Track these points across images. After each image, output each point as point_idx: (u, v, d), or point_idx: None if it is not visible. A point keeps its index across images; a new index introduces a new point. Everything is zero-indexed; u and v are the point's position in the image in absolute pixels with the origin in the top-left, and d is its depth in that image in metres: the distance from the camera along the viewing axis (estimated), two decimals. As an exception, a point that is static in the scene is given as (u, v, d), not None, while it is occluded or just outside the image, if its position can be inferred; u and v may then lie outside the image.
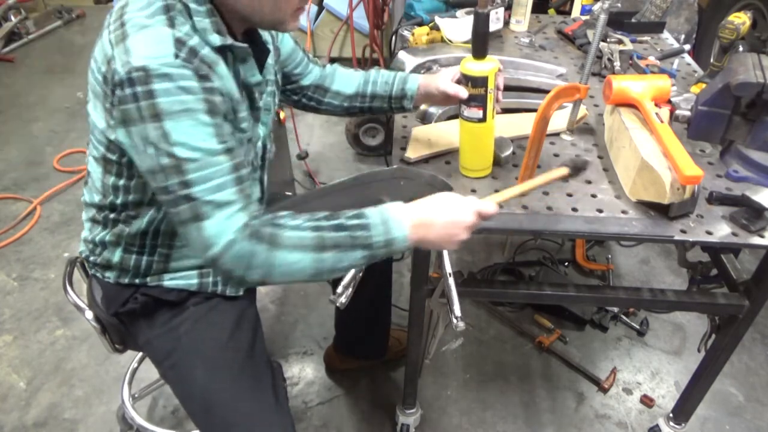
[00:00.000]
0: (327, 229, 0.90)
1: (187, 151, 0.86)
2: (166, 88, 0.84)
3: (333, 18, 3.35)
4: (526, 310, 2.21)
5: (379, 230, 0.92)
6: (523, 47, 1.83)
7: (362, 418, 1.85)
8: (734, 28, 1.49)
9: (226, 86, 0.94)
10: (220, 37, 0.92)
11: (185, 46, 0.87)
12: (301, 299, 2.25)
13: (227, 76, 0.95)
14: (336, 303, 0.97)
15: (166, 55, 0.85)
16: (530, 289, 1.41)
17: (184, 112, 0.85)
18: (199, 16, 0.91)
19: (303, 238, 0.89)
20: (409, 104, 1.31)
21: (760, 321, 2.19)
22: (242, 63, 1.01)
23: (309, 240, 0.89)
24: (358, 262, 0.93)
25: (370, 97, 1.33)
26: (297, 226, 0.90)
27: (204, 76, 0.88)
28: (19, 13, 4.42)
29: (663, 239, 1.10)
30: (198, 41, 0.90)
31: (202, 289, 1.18)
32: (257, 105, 1.09)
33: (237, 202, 0.88)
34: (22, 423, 1.81)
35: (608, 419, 1.85)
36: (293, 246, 0.88)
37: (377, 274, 1.60)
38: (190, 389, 1.16)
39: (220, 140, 0.89)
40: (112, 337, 1.27)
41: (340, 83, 1.35)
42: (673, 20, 2.94)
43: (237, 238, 0.86)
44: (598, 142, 1.38)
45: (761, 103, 1.17)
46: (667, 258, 2.47)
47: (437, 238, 0.94)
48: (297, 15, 1.00)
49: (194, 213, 0.87)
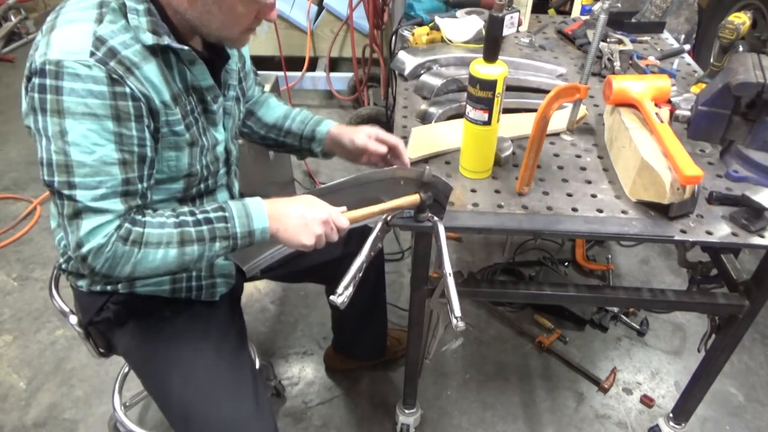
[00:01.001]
0: (190, 225, 0.95)
1: (81, 154, 0.86)
2: (74, 88, 0.85)
3: (333, 18, 3.35)
4: (526, 310, 2.21)
5: (240, 222, 0.97)
6: (523, 47, 1.83)
7: (362, 418, 1.85)
8: (734, 28, 1.49)
9: (149, 89, 0.92)
10: (153, 36, 0.92)
11: (105, 44, 0.87)
12: (301, 299, 2.25)
13: (157, 77, 0.94)
14: (336, 303, 0.97)
15: (81, 52, 0.85)
16: (530, 289, 1.40)
17: (88, 115, 0.86)
18: (134, 14, 0.91)
19: (168, 235, 0.93)
20: (317, 148, 1.33)
21: (760, 321, 2.19)
22: (191, 65, 1.00)
23: (173, 236, 0.93)
24: (220, 252, 0.98)
25: (285, 132, 1.35)
26: (162, 224, 0.93)
27: (117, 80, 0.87)
28: (19, 13, 4.42)
29: (663, 239, 1.10)
30: (122, 41, 0.89)
31: (175, 295, 1.18)
32: (211, 108, 1.07)
33: (117, 212, 0.90)
34: (22, 423, 1.81)
35: (608, 419, 1.85)
36: (158, 243, 0.92)
37: (372, 276, 1.60)
38: (168, 398, 1.15)
39: (119, 148, 0.89)
40: (96, 342, 1.28)
41: (265, 111, 1.36)
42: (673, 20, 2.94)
43: (107, 242, 0.89)
44: (598, 142, 1.38)
45: (761, 103, 1.17)
46: (667, 258, 2.47)
47: (293, 227, 0.99)
48: (247, 34, 1.01)
49: (73, 211, 0.88)
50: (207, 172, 1.12)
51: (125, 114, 0.89)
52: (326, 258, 1.43)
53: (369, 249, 1.05)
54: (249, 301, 2.23)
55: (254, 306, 2.22)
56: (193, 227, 0.95)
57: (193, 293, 1.20)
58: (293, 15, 3.36)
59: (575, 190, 1.21)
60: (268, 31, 3.30)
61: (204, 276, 1.21)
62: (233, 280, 1.28)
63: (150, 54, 0.93)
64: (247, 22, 0.97)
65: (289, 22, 3.36)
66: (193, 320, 1.20)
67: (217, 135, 1.12)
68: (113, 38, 0.88)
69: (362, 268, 1.03)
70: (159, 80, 0.94)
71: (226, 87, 1.13)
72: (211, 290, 1.22)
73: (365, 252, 1.04)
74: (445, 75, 1.53)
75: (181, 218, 0.95)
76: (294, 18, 3.35)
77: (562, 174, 1.26)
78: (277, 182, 2.40)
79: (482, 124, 1.14)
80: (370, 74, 3.24)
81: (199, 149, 1.06)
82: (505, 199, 1.17)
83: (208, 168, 1.11)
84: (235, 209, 0.98)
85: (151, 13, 0.92)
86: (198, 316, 1.21)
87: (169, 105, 0.97)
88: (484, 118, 1.13)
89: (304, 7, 3.30)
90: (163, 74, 0.95)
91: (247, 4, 0.94)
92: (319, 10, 3.41)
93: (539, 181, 1.23)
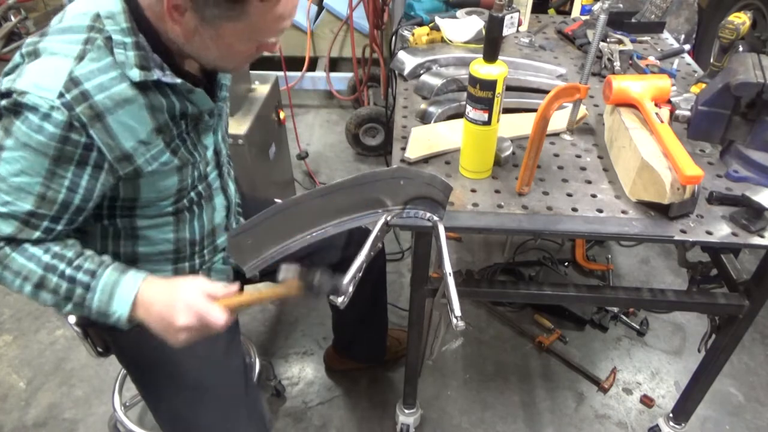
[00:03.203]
0: (56, 272, 0.90)
1: (5, 172, 0.86)
2: (29, 117, 0.83)
3: (333, 18, 3.35)
4: (526, 310, 2.21)
5: (100, 298, 0.91)
6: (523, 47, 1.83)
7: (362, 418, 1.85)
8: (734, 28, 1.49)
9: (118, 136, 0.89)
10: (141, 72, 0.88)
11: (78, 87, 0.84)
12: (301, 299, 2.24)
13: (135, 118, 0.90)
14: (336, 302, 0.96)
15: (51, 90, 0.82)
16: (530, 289, 1.40)
17: (28, 147, 0.84)
18: (121, 48, 0.87)
19: (29, 271, 0.90)
20: None
21: (760, 321, 2.19)
22: (189, 93, 0.98)
23: (34, 275, 0.90)
24: (74, 313, 0.96)
25: None
26: (32, 257, 0.90)
27: (76, 128, 0.85)
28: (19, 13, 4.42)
29: (663, 239, 1.10)
30: (100, 83, 0.85)
31: None
32: (205, 120, 1.06)
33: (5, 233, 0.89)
34: (22, 423, 1.81)
35: (608, 419, 1.85)
36: (17, 272, 0.90)
37: (373, 277, 1.60)
38: (157, 403, 1.15)
39: (44, 184, 0.87)
40: (94, 342, 1.28)
41: None
42: (673, 20, 2.94)
43: None
44: (598, 142, 1.38)
45: (761, 103, 1.17)
46: (667, 258, 2.47)
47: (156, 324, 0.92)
48: (246, 62, 1.01)
49: None
50: (197, 182, 1.10)
51: (67, 158, 0.87)
52: (325, 262, 1.43)
53: (369, 248, 1.05)
54: (249, 301, 2.22)
55: (254, 306, 2.22)
56: (56, 277, 0.90)
57: None
58: (293, 15, 3.36)
59: (575, 190, 1.21)
60: (268, 31, 3.30)
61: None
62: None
63: (138, 90, 0.90)
64: (246, 55, 0.96)
65: (289, 22, 3.36)
66: None
67: (206, 142, 1.10)
68: (90, 80, 0.85)
69: (362, 268, 1.02)
70: (138, 120, 0.91)
71: (219, 88, 1.11)
72: None
73: (365, 251, 1.04)
74: (445, 75, 1.53)
75: (54, 261, 0.91)
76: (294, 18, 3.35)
77: (562, 174, 1.26)
78: (277, 182, 2.40)
79: (482, 124, 1.14)
80: (370, 74, 3.24)
81: (189, 167, 1.05)
82: (505, 199, 1.17)
83: (200, 179, 1.10)
84: (102, 283, 0.91)
85: (140, 47, 0.88)
86: None
87: (148, 141, 0.94)
88: (484, 118, 1.13)
89: (304, 7, 3.29)
90: (148, 110, 0.92)
91: (246, 43, 0.91)
92: (319, 10, 3.41)
93: (539, 181, 1.23)
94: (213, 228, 1.20)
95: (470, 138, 1.18)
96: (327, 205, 1.06)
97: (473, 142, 1.19)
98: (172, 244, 1.13)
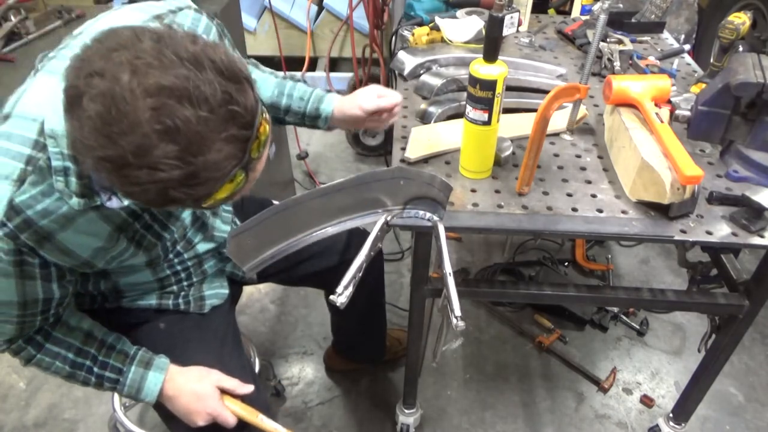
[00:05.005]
0: (84, 370, 1.04)
1: None
2: None
3: (333, 18, 3.35)
4: (526, 310, 2.21)
5: (128, 392, 1.07)
6: (523, 47, 1.83)
7: (362, 418, 1.85)
8: (734, 28, 1.49)
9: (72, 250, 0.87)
10: (82, 200, 0.81)
11: (20, 215, 0.78)
12: (301, 299, 2.25)
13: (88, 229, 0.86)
14: (336, 303, 0.96)
15: None
16: (530, 289, 1.40)
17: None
18: (61, 176, 0.79)
19: (57, 367, 1.03)
20: (324, 125, 1.27)
21: (760, 321, 2.19)
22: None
23: (62, 370, 1.04)
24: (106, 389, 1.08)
25: (284, 110, 1.27)
26: (57, 355, 1.02)
27: (26, 252, 0.82)
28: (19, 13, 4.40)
29: (663, 239, 1.10)
30: (43, 208, 0.79)
31: (162, 307, 1.18)
32: None
33: (6, 334, 0.95)
34: (22, 423, 1.81)
35: (608, 419, 1.85)
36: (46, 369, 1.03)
37: (372, 279, 1.60)
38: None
39: (20, 294, 0.88)
40: None
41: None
42: (673, 20, 2.94)
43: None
44: (598, 142, 1.38)
45: (761, 103, 1.17)
46: (667, 258, 2.47)
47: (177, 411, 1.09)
48: None
49: None
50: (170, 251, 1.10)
51: (29, 275, 0.86)
52: (324, 265, 1.43)
53: (369, 249, 1.05)
54: (249, 301, 2.23)
55: (254, 306, 2.22)
56: (84, 373, 1.04)
57: (181, 306, 1.20)
58: (293, 15, 3.36)
59: (575, 190, 1.21)
60: (269, 31, 3.30)
61: (192, 293, 1.21)
62: (226, 291, 1.27)
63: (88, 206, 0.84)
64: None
65: (289, 22, 3.36)
66: (183, 329, 1.20)
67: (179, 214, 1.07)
68: (32, 207, 0.79)
69: (362, 268, 1.02)
70: (92, 231, 0.87)
71: None
72: (199, 303, 1.22)
73: (365, 252, 1.04)
74: (445, 75, 1.53)
75: (79, 360, 1.03)
76: (294, 18, 3.35)
77: (562, 174, 1.26)
78: (278, 182, 2.40)
79: (482, 124, 1.14)
80: (370, 74, 3.24)
81: (158, 246, 1.05)
82: (505, 199, 1.17)
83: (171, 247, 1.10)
84: (129, 380, 1.05)
85: (83, 174, 0.80)
86: (189, 326, 1.21)
87: (107, 246, 0.92)
88: (484, 118, 1.13)
89: (304, 7, 3.29)
90: (101, 219, 0.88)
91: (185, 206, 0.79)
92: (319, 10, 3.41)
93: (539, 181, 1.23)
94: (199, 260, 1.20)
95: (470, 138, 1.18)
96: (327, 205, 1.06)
97: (473, 142, 1.19)
98: (155, 283, 1.16)
